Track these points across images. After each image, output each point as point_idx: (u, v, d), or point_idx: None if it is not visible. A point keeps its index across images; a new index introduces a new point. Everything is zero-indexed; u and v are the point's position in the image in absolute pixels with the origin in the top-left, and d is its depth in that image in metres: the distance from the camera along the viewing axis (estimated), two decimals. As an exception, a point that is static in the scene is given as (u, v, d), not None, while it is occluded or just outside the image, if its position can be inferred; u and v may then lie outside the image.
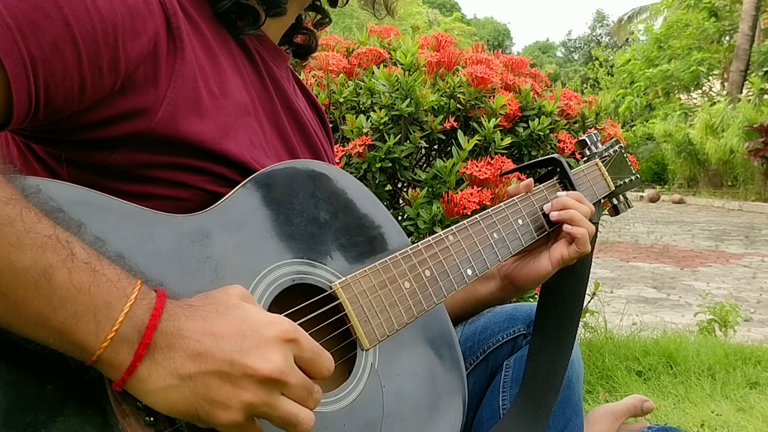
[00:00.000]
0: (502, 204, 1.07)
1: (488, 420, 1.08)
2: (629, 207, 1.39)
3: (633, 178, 1.36)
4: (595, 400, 2.52)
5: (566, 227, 1.07)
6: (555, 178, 1.18)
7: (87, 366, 0.59)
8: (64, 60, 0.64)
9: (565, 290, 1.15)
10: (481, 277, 1.14)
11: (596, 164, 1.27)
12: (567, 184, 1.17)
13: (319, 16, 1.08)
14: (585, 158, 1.31)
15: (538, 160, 1.22)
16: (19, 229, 0.55)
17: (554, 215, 1.09)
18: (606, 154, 1.32)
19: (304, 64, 1.18)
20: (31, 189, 0.60)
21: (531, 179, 1.12)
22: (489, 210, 1.05)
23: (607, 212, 1.39)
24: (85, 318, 0.57)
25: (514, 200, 1.09)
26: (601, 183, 1.27)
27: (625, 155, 1.36)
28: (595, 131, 1.36)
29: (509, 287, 1.14)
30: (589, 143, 1.31)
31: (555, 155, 1.18)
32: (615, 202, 1.36)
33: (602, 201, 1.29)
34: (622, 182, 1.32)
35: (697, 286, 5.39)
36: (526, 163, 1.33)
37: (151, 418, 0.62)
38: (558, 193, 1.13)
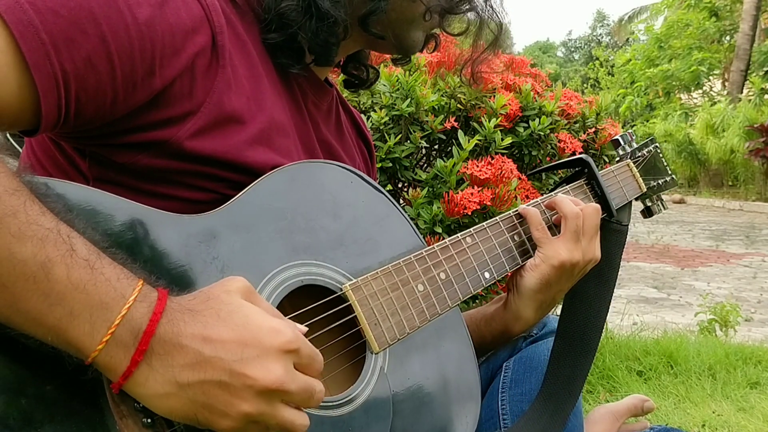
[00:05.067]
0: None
1: (487, 421, 1.08)
2: (664, 208, 1.35)
3: (668, 179, 1.32)
4: (596, 400, 2.52)
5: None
6: (582, 179, 1.15)
7: (84, 366, 0.59)
8: (97, 75, 0.65)
9: (591, 295, 1.10)
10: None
11: (627, 165, 1.24)
12: (594, 185, 1.14)
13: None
14: (617, 158, 1.28)
15: (565, 160, 1.19)
16: (22, 220, 0.55)
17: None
18: (639, 154, 1.28)
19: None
20: (38, 184, 0.60)
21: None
22: (510, 211, 1.02)
23: (640, 214, 1.35)
24: (80, 317, 0.56)
25: (537, 201, 1.05)
26: (632, 184, 1.23)
27: (661, 155, 1.32)
28: (631, 130, 1.33)
29: (515, 297, 1.05)
30: (622, 143, 1.28)
31: (583, 156, 1.15)
32: (649, 203, 1.32)
33: (633, 202, 1.25)
34: (655, 183, 1.29)
35: (697, 286, 5.39)
36: (553, 164, 1.29)
37: (149, 420, 0.62)
38: (553, 196, 1.07)
